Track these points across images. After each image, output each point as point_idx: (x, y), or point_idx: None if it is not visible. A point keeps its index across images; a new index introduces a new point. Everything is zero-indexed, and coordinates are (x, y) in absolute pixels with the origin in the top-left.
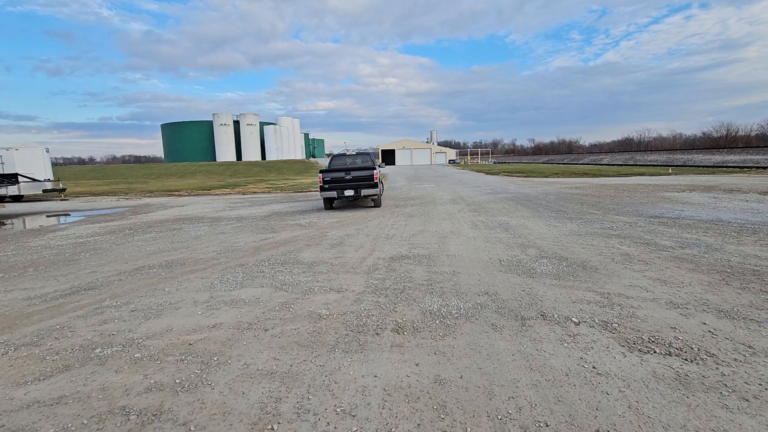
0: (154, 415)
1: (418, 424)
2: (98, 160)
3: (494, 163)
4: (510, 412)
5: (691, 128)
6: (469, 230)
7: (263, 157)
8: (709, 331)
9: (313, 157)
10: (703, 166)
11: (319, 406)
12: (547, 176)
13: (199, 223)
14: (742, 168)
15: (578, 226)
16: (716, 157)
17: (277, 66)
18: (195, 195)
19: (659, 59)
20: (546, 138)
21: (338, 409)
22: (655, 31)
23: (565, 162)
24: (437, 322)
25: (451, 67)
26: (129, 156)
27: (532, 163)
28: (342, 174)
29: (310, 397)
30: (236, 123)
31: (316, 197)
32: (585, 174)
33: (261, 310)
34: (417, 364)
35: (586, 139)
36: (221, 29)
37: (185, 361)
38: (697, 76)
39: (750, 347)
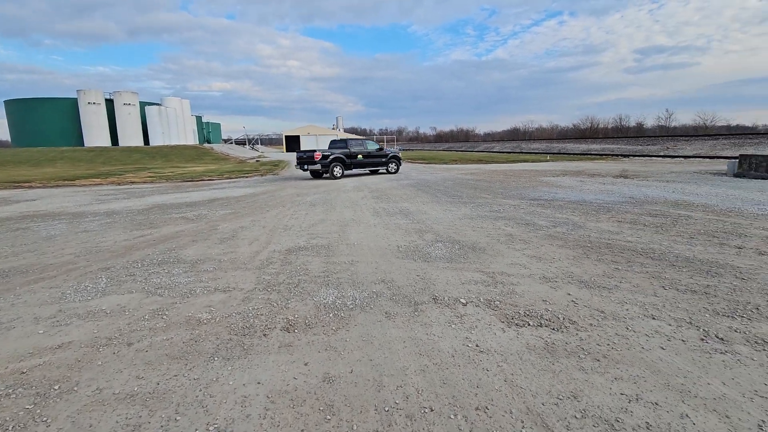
0: None
1: (302, 430)
2: None
3: (399, 150)
4: (398, 401)
5: (565, 120)
6: (371, 217)
7: (146, 142)
8: (572, 301)
9: (209, 142)
10: (573, 154)
11: (188, 426)
12: (446, 163)
13: (54, 221)
14: (601, 155)
15: (471, 210)
16: (583, 146)
17: (161, 39)
18: (53, 187)
19: (539, 58)
20: (446, 127)
21: (211, 428)
22: (536, 33)
23: (463, 149)
24: (331, 315)
25: (355, 54)
26: None
27: (434, 150)
28: (302, 155)
29: (179, 417)
30: (109, 102)
31: (210, 186)
32: (480, 161)
33: (126, 321)
34: (306, 364)
35: (481, 129)
36: None
37: (12, 397)
38: (568, 75)
39: (602, 312)
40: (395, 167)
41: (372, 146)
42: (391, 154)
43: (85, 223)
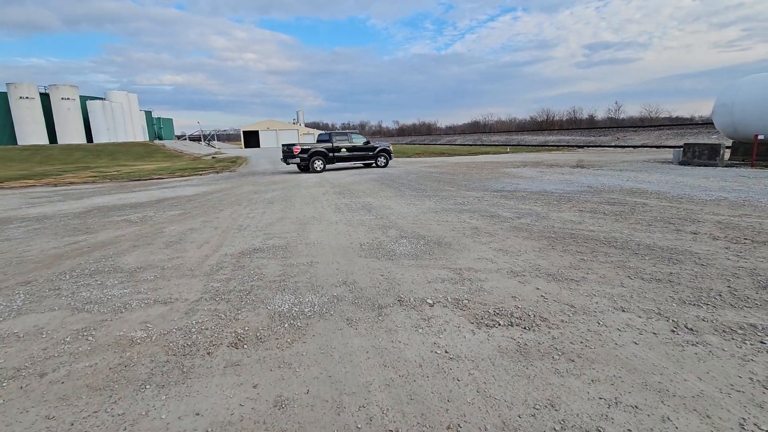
0: None
1: None
2: None
3: (389, 144)
4: (360, 426)
5: (522, 113)
6: (332, 214)
7: (89, 139)
8: (542, 296)
9: (160, 138)
10: (531, 145)
11: None
12: (409, 156)
13: None
14: (558, 146)
15: (435, 203)
16: (540, 138)
17: (104, 30)
18: None
19: (496, 53)
20: (408, 120)
21: None
22: (492, 28)
23: (425, 143)
24: (286, 325)
25: (314, 47)
26: None
27: (397, 144)
28: (286, 148)
29: None
30: (45, 96)
31: (160, 185)
32: (442, 153)
33: (42, 345)
34: (255, 386)
35: (443, 122)
36: None
37: None
38: (524, 70)
39: (572, 306)
40: (384, 161)
41: (358, 139)
42: (379, 148)
43: (9, 231)
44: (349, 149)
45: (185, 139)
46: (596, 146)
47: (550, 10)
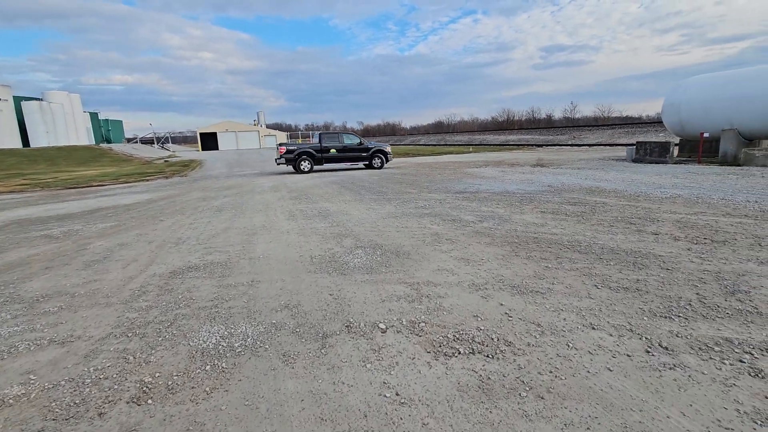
0: None
1: None
2: None
3: (387, 144)
4: None
5: (484, 113)
6: (285, 222)
7: (26, 143)
8: (506, 314)
9: (108, 142)
10: (493, 145)
11: None
12: None
13: None
14: (518, 145)
15: (396, 208)
16: (501, 137)
17: (44, 25)
18: None
19: (458, 54)
20: (373, 121)
21: None
22: (454, 30)
23: (390, 143)
24: (208, 368)
25: (276, 46)
26: None
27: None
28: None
29: None
30: None
31: (99, 193)
32: (406, 154)
33: None
34: None
35: (407, 122)
36: None
37: None
38: (485, 71)
39: (539, 326)
40: (380, 162)
41: (350, 140)
42: (374, 148)
43: None
44: (339, 150)
45: (136, 142)
46: (554, 145)
47: (508, 13)
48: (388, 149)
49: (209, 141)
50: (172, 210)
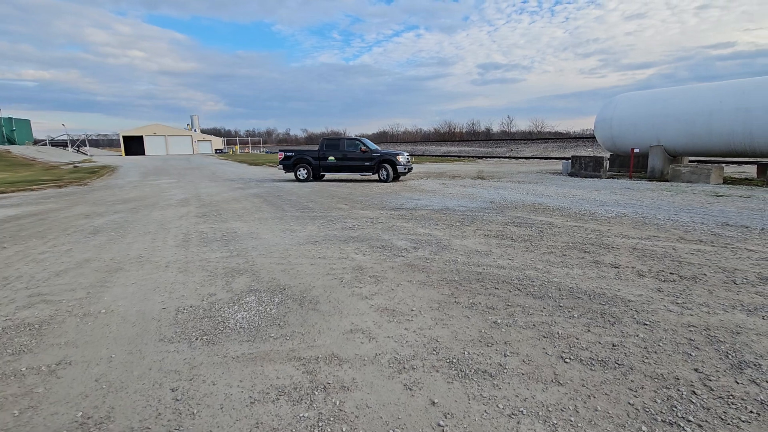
0: None
1: None
2: None
3: (266, 152)
4: None
5: (427, 125)
6: (171, 251)
7: None
8: (439, 425)
9: (12, 143)
10: (435, 155)
11: None
12: None
13: None
14: (460, 157)
15: (319, 228)
16: (443, 148)
17: None
18: None
19: (401, 66)
20: (317, 129)
21: None
22: (397, 42)
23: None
24: None
25: (214, 49)
26: None
27: None
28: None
29: None
30: None
31: None
32: None
33: None
34: None
35: (352, 131)
36: None
37: None
38: (427, 84)
39: None
40: (387, 174)
41: (351, 146)
42: (381, 157)
43: None
44: (338, 158)
45: (44, 144)
46: (493, 157)
47: (449, 30)
48: (401, 158)
49: (134, 145)
50: (30, 232)
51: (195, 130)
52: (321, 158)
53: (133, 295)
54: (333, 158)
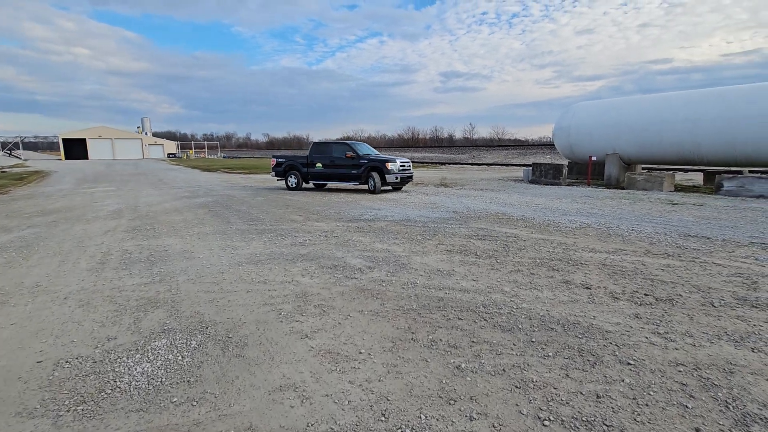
0: None
1: None
2: None
3: (223, 157)
4: None
5: (391, 130)
6: (79, 276)
7: None
8: None
9: None
10: None
11: None
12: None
13: None
14: (423, 163)
15: (265, 244)
16: (407, 154)
17: None
18: None
19: (365, 72)
20: (279, 133)
21: None
22: (361, 49)
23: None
24: None
25: (168, 48)
26: None
27: (263, 158)
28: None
29: None
30: None
31: None
32: None
33: None
34: None
35: (316, 136)
36: None
37: None
38: (391, 90)
39: None
40: (375, 184)
41: (339, 152)
42: (370, 164)
43: None
44: (326, 164)
45: None
46: (456, 163)
47: (411, 38)
48: (392, 165)
49: (77, 148)
50: None
51: (146, 133)
52: (309, 165)
53: (6, 341)
54: (320, 165)
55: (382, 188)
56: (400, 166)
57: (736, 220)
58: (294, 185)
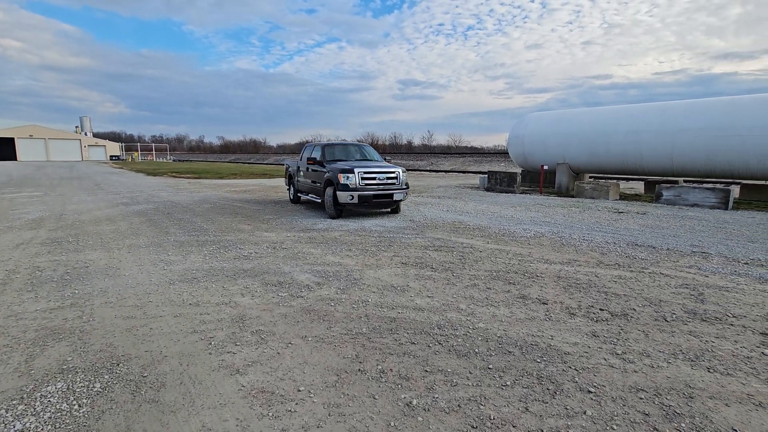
0: None
1: None
2: None
3: (173, 161)
4: None
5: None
6: None
7: None
8: None
9: None
10: None
11: None
12: (222, 177)
13: None
14: None
15: (204, 258)
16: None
17: None
18: None
19: (324, 77)
20: (235, 137)
21: None
22: (320, 53)
23: (251, 161)
24: None
25: (112, 44)
26: None
27: (216, 162)
28: None
29: None
30: None
31: None
32: (264, 174)
33: None
34: None
35: (273, 140)
36: None
37: None
38: (350, 96)
39: None
40: (326, 203)
41: (316, 154)
42: (330, 173)
43: None
44: (306, 173)
45: None
46: (415, 170)
47: (370, 45)
48: (344, 178)
49: (3, 149)
50: None
51: (86, 134)
52: (296, 175)
53: None
54: (302, 174)
55: (333, 211)
56: (365, 176)
57: (677, 229)
58: (291, 198)
